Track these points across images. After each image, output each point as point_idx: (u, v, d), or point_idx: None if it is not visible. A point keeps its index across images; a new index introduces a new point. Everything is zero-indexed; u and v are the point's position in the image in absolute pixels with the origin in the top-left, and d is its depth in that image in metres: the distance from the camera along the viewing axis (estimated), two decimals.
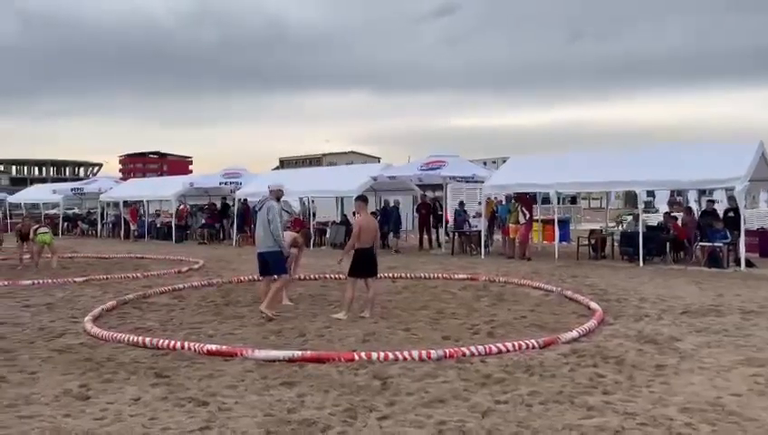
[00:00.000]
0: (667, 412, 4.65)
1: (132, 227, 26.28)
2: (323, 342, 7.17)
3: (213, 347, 6.60)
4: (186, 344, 6.74)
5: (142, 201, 27.66)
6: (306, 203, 22.28)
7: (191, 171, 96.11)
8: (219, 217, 24.85)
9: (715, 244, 14.06)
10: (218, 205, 25.37)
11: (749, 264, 13.66)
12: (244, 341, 7.20)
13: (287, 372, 5.82)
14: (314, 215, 22.08)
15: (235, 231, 22.75)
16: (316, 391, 5.28)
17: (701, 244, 14.47)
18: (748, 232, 15.29)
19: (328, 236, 21.61)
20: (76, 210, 35.32)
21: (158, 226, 26.87)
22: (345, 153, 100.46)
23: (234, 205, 23.42)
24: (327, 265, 14.94)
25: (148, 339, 7.02)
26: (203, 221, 25.12)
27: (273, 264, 8.55)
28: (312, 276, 12.79)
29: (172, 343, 6.82)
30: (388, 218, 19.41)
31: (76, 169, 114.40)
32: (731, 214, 14.93)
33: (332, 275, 12.69)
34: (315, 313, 8.95)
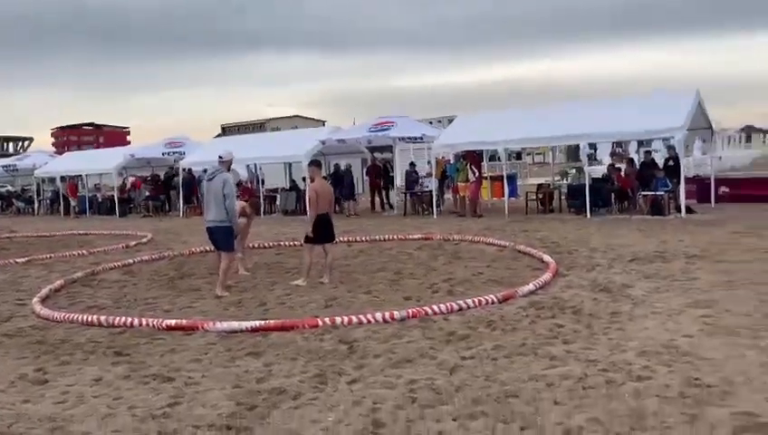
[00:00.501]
0: (626, 357, 4.84)
1: (72, 203, 25.32)
2: (285, 309, 7.12)
3: (173, 322, 6.47)
4: (143, 320, 6.57)
5: (81, 175, 26.57)
6: (254, 170, 21.88)
7: (129, 142, 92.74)
8: (164, 189, 24.17)
9: (657, 192, 14.58)
10: (162, 176, 24.65)
11: (689, 210, 14.24)
12: (204, 314, 7.08)
13: (252, 343, 5.76)
14: (263, 182, 21.73)
15: (181, 202, 22.20)
16: (283, 359, 5.26)
17: (643, 193, 14.97)
18: (686, 180, 15.89)
19: (278, 202, 21.35)
20: (9, 188, 33.72)
21: (100, 200, 25.94)
22: (289, 117, 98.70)
23: (177, 176, 22.79)
24: (280, 232, 14.80)
25: (103, 317, 6.81)
26: (146, 193, 24.38)
27: (220, 239, 8.12)
28: (266, 244, 12.64)
29: (129, 320, 6.64)
30: (341, 182, 19.30)
31: (4, 144, 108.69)
32: (671, 163, 15.46)
33: (287, 243, 12.59)
34: (274, 281, 8.87)
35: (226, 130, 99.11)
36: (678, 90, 16.27)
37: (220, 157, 8.41)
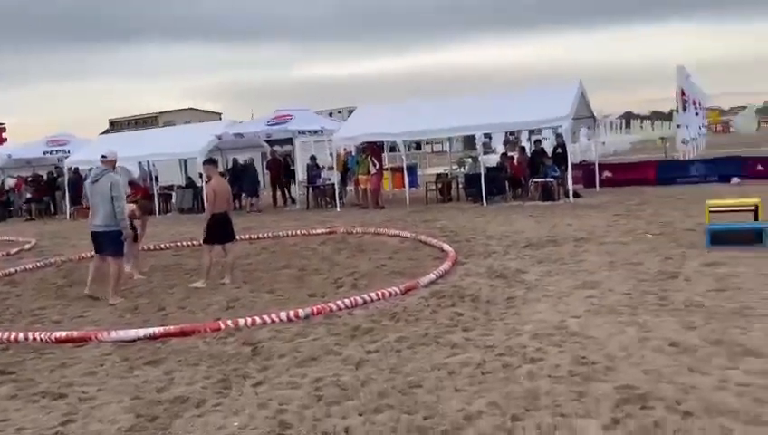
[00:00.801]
0: (521, 341, 5.10)
1: None
2: (185, 314, 6.92)
3: (62, 334, 6.10)
4: (30, 334, 6.16)
5: None
6: (147, 167, 20.94)
7: (5, 140, 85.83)
8: (48, 190, 22.63)
9: (547, 179, 15.37)
10: (45, 176, 23.06)
11: (576, 195, 15.13)
12: (97, 323, 6.74)
13: (150, 350, 5.56)
14: (157, 179, 20.83)
15: (68, 204, 20.88)
16: (185, 366, 5.12)
17: (534, 180, 15.74)
18: (573, 166, 16.87)
19: (174, 201, 20.57)
20: None
21: None
22: (183, 110, 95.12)
23: (62, 176, 21.41)
24: (177, 231, 14.30)
25: None
26: (28, 195, 22.74)
27: (108, 244, 7.71)
28: (163, 246, 12.18)
29: (13, 334, 6.19)
30: (241, 178, 18.89)
31: None
32: (559, 150, 16.34)
33: (185, 243, 12.19)
34: (172, 284, 8.58)
35: (115, 126, 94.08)
36: (563, 81, 17.22)
37: (103, 156, 7.90)
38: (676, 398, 3.81)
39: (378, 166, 17.01)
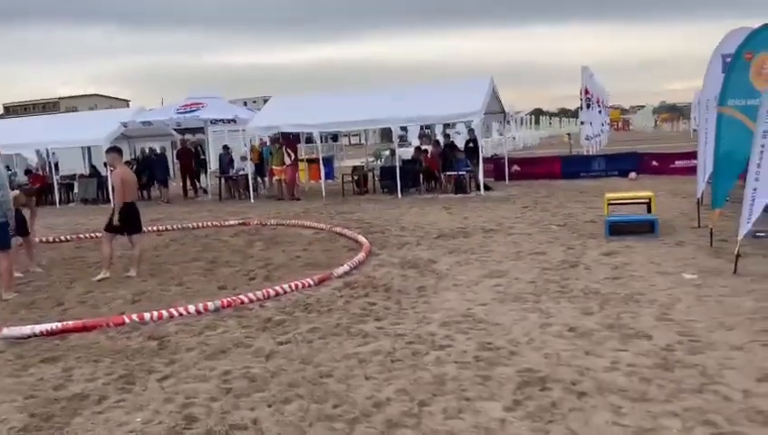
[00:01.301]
0: (430, 329, 5.23)
1: None
2: (87, 309, 6.60)
3: None
4: None
5: None
6: (46, 156, 19.75)
7: None
8: None
9: (459, 172, 15.76)
10: None
11: (487, 188, 15.60)
12: None
13: (47, 347, 5.28)
14: (57, 168, 19.68)
15: None
16: (85, 362, 4.89)
17: (447, 173, 16.09)
18: (485, 159, 17.37)
19: (76, 190, 19.52)
20: None
21: None
22: (87, 96, 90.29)
23: None
24: (79, 223, 13.61)
25: None
26: None
27: None
28: (63, 238, 11.55)
29: None
30: (152, 167, 18.18)
31: None
32: (471, 144, 16.77)
33: (88, 235, 11.61)
34: (73, 278, 8.15)
35: (10, 110, 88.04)
36: (475, 76, 17.66)
37: None
38: (572, 379, 4.03)
39: (293, 157, 16.85)
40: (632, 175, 16.93)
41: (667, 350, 4.45)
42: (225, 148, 19.04)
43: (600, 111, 28.53)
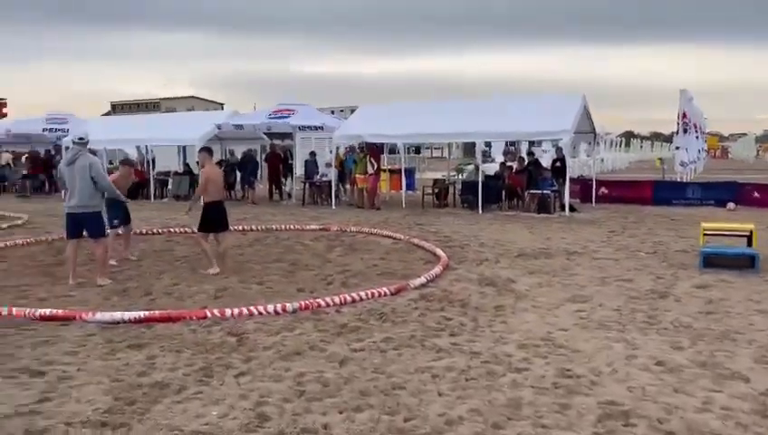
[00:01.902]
0: (507, 349, 5.08)
1: None
2: (172, 300, 6.87)
3: (47, 311, 6.05)
4: (13, 310, 6.10)
5: None
6: (145, 152, 20.86)
7: (5, 115, 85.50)
8: (44, 168, 22.52)
9: (544, 191, 15.37)
10: (42, 153, 22.96)
11: (572, 209, 15.13)
12: (84, 303, 6.69)
13: (134, 334, 5.52)
14: (154, 164, 20.74)
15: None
16: (168, 351, 5.08)
17: (531, 191, 15.73)
18: (571, 180, 16.87)
19: (170, 187, 20.49)
20: None
21: None
22: (185, 98, 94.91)
23: (60, 154, 21.29)
24: (171, 218, 14.25)
25: None
26: (24, 172, 22.62)
27: (90, 226, 7.63)
28: (155, 230, 12.12)
29: None
30: (243, 169, 18.92)
31: None
32: (558, 164, 16.33)
33: (178, 229, 12.13)
34: (162, 269, 8.52)
35: (116, 108, 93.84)
36: (566, 94, 17.20)
37: (80, 138, 7.64)
38: (658, 417, 3.79)
39: (375, 166, 16.98)
40: (731, 205, 15.96)
41: (766, 395, 4.11)
42: (312, 154, 19.45)
43: (697, 137, 27.12)
